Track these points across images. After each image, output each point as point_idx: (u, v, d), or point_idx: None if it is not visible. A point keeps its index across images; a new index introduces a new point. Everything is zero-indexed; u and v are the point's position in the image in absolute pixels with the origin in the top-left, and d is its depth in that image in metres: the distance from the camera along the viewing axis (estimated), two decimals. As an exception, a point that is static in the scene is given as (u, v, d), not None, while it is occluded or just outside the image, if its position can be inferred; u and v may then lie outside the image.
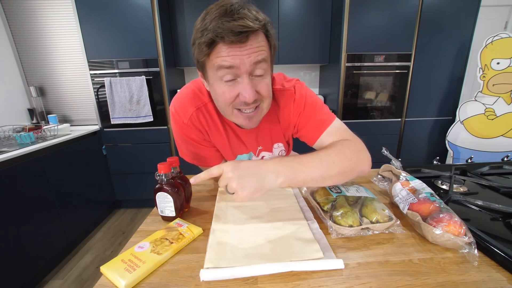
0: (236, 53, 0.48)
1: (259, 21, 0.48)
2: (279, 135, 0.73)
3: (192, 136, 0.67)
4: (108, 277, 0.41)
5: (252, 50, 0.48)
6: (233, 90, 0.52)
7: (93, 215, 2.06)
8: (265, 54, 0.51)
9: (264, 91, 0.55)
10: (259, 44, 0.49)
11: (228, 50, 0.48)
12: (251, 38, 0.48)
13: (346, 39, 2.03)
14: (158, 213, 0.59)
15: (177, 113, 0.65)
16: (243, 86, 0.51)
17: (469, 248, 0.42)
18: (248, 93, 0.51)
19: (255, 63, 0.49)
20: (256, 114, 0.58)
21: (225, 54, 0.48)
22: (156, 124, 2.14)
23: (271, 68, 0.56)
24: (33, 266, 1.46)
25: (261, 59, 0.50)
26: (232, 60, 0.48)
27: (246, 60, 0.48)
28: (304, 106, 0.66)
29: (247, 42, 0.47)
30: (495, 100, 2.00)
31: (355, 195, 0.57)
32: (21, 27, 2.06)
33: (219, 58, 0.49)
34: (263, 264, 0.41)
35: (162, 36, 1.96)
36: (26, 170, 1.45)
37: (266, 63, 0.52)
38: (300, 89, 0.67)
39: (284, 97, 0.67)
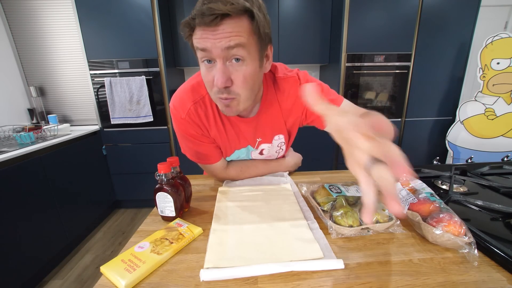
0: (208, 36, 0.47)
1: (236, 5, 0.46)
2: (280, 126, 0.72)
3: (191, 131, 0.67)
4: (108, 277, 0.41)
5: (224, 34, 0.47)
6: (210, 73, 0.52)
7: (93, 215, 2.06)
8: (241, 39, 0.48)
9: (240, 80, 0.52)
10: (234, 30, 0.47)
11: (201, 33, 0.48)
12: (224, 23, 0.46)
13: (346, 39, 2.03)
14: (158, 213, 0.59)
15: (176, 108, 0.65)
16: (216, 70, 0.51)
17: (469, 248, 0.42)
18: (217, 78, 0.51)
19: (227, 48, 0.48)
20: (232, 103, 0.56)
21: (198, 36, 0.49)
22: (156, 124, 2.14)
23: (257, 58, 0.53)
24: (33, 266, 1.46)
25: (234, 45, 0.48)
26: (204, 43, 0.48)
27: (218, 44, 0.47)
28: None
29: (219, 26, 0.46)
30: (495, 100, 2.00)
31: (355, 195, 0.57)
32: (21, 27, 2.06)
33: (195, 39, 0.50)
34: (263, 264, 0.41)
35: (162, 36, 1.96)
36: (26, 170, 1.46)
37: (244, 49, 0.49)
38: (304, 76, 0.68)
39: (288, 84, 0.67)
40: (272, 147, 0.76)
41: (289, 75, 0.67)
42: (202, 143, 0.69)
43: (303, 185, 0.68)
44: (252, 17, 0.49)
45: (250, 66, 0.52)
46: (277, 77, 0.66)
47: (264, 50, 0.55)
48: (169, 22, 2.15)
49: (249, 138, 0.72)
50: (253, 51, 0.52)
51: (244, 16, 0.48)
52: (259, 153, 0.77)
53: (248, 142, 0.73)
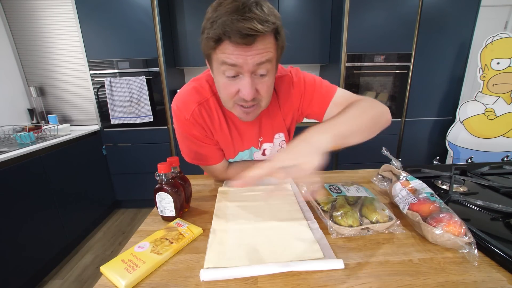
0: (241, 53, 0.48)
1: (269, 23, 0.46)
2: (280, 124, 0.73)
3: (194, 132, 0.67)
4: (108, 277, 0.41)
5: (258, 51, 0.48)
6: (234, 85, 0.53)
7: (93, 215, 2.06)
8: (271, 55, 0.51)
9: (264, 91, 0.55)
10: (266, 46, 0.49)
11: (233, 49, 0.48)
12: (258, 41, 0.47)
13: (346, 39, 2.03)
14: (158, 213, 0.59)
15: (179, 109, 0.65)
16: (243, 84, 0.52)
17: (469, 248, 0.42)
18: (247, 91, 0.52)
19: (258, 64, 0.50)
20: (254, 110, 0.58)
21: (229, 52, 0.48)
22: (156, 124, 2.14)
23: (275, 68, 0.56)
24: (33, 266, 1.46)
25: (265, 60, 0.50)
26: (235, 59, 0.48)
27: (250, 60, 0.48)
28: (304, 86, 0.68)
29: (254, 44, 0.47)
30: (495, 100, 2.00)
31: (355, 195, 0.57)
32: (21, 27, 2.06)
33: (223, 54, 0.49)
34: (263, 264, 0.41)
35: (162, 36, 1.96)
36: (26, 170, 1.46)
37: (271, 63, 0.52)
38: (296, 72, 0.69)
39: (283, 83, 0.68)
40: (273, 147, 0.77)
41: (283, 74, 0.69)
42: (204, 144, 0.69)
43: (303, 185, 0.68)
44: (278, 33, 0.51)
45: (271, 77, 0.55)
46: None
47: (279, 60, 0.58)
48: (169, 22, 2.15)
49: (253, 139, 0.73)
50: (275, 64, 0.55)
51: (272, 33, 0.50)
52: (262, 153, 0.78)
53: (251, 144, 0.74)
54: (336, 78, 2.12)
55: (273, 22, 0.47)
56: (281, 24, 0.51)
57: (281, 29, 0.51)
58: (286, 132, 0.75)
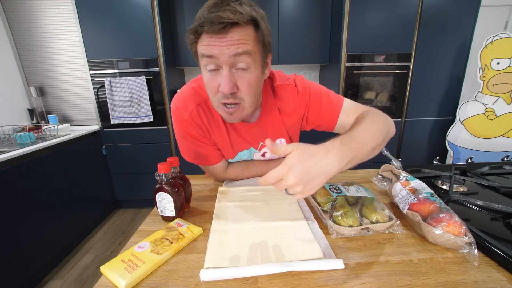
0: (216, 43, 0.49)
1: (244, 14, 0.47)
2: (281, 131, 0.73)
3: (193, 133, 0.67)
4: (108, 277, 0.41)
5: (232, 42, 0.48)
6: (215, 80, 0.53)
7: (93, 215, 2.06)
8: (248, 47, 0.50)
9: (245, 87, 0.54)
10: (241, 38, 0.49)
11: (209, 40, 0.49)
12: (232, 30, 0.48)
13: (346, 39, 2.03)
14: (158, 213, 0.59)
15: (178, 109, 0.66)
16: (222, 77, 0.52)
17: (469, 248, 0.42)
18: (224, 83, 0.52)
19: (235, 55, 0.49)
20: (237, 111, 0.58)
21: (205, 43, 0.50)
22: (156, 124, 2.14)
23: (260, 65, 0.55)
24: (33, 266, 1.46)
25: (242, 52, 0.50)
26: (211, 50, 0.49)
27: (225, 51, 0.49)
28: (309, 97, 0.68)
29: (227, 34, 0.48)
30: (495, 100, 2.00)
31: (355, 195, 0.57)
32: (21, 27, 2.06)
33: (201, 46, 0.51)
34: (263, 264, 0.41)
35: (162, 36, 1.96)
36: (26, 170, 1.45)
37: (250, 57, 0.51)
38: (301, 82, 0.69)
39: (286, 91, 0.68)
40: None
41: (286, 82, 0.68)
42: (203, 144, 0.70)
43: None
44: (257, 26, 0.51)
45: (254, 73, 0.54)
46: (275, 85, 0.68)
47: (266, 58, 0.57)
48: (169, 22, 2.15)
49: (252, 141, 0.73)
50: (257, 59, 0.54)
51: (250, 25, 0.50)
52: (261, 155, 0.78)
53: (250, 144, 0.74)
54: (336, 78, 2.12)
55: (249, 14, 0.49)
56: (262, 19, 0.52)
57: (262, 23, 0.52)
58: (288, 138, 0.76)
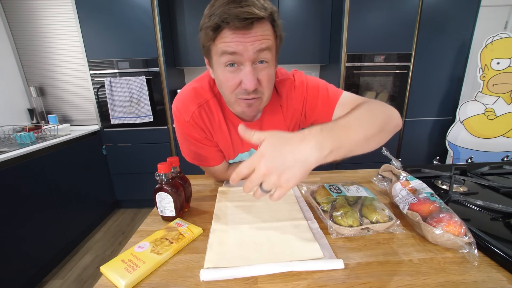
0: (240, 40, 0.48)
1: (265, 9, 0.48)
2: (282, 128, 0.72)
3: (194, 134, 0.67)
4: (108, 277, 0.41)
5: (257, 37, 0.49)
6: (236, 77, 0.53)
7: (93, 215, 2.06)
8: (270, 43, 0.51)
9: (266, 81, 0.54)
10: (264, 33, 0.49)
11: (233, 36, 0.48)
12: (256, 26, 0.48)
13: (346, 39, 2.03)
14: (158, 213, 0.59)
15: (179, 111, 0.65)
16: (245, 73, 0.51)
17: (469, 248, 0.42)
18: (249, 80, 0.51)
19: (259, 50, 0.50)
20: (256, 102, 0.57)
21: (229, 39, 0.48)
22: (156, 124, 2.14)
23: (275, 59, 0.56)
24: (33, 266, 1.46)
25: (265, 47, 0.50)
26: (235, 46, 0.49)
27: (250, 47, 0.49)
28: (306, 91, 0.68)
29: (252, 29, 0.48)
30: (495, 100, 2.00)
31: (355, 195, 0.57)
32: (21, 27, 2.06)
33: (223, 43, 0.49)
34: (263, 264, 0.41)
35: (162, 36, 1.96)
36: (26, 170, 1.45)
37: (270, 52, 0.52)
38: (299, 76, 0.69)
39: (285, 87, 0.68)
40: None
41: (285, 78, 0.68)
42: (204, 146, 0.69)
43: (303, 185, 0.68)
44: (274, 21, 0.51)
45: (272, 67, 0.55)
46: (276, 81, 0.67)
47: (278, 51, 0.58)
48: (169, 22, 2.15)
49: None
50: (274, 54, 0.55)
51: (268, 20, 0.50)
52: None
53: (251, 145, 0.73)
54: (336, 78, 2.12)
55: (270, 9, 0.49)
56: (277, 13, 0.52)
57: (278, 17, 0.52)
58: None
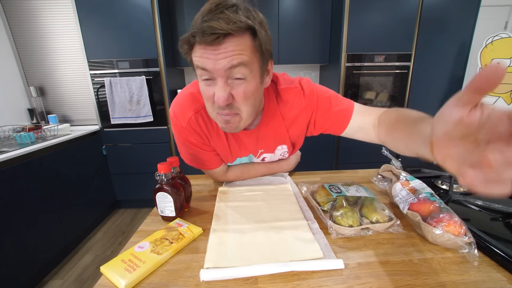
0: (209, 56, 0.46)
1: (239, 23, 0.44)
2: (283, 136, 0.71)
3: (191, 140, 0.66)
4: (108, 277, 0.41)
5: (227, 54, 0.45)
6: (211, 90, 0.50)
7: (93, 215, 2.06)
8: (244, 58, 0.47)
9: (240, 97, 0.50)
10: (236, 48, 0.45)
11: (201, 52, 0.46)
12: (226, 41, 0.44)
13: (346, 39, 2.03)
14: (158, 213, 0.59)
15: (176, 117, 0.64)
16: (216, 89, 0.49)
17: (469, 248, 0.42)
18: (218, 96, 0.49)
19: (229, 67, 0.46)
20: (234, 119, 0.54)
21: (199, 55, 0.47)
22: (156, 124, 2.14)
23: (258, 74, 0.52)
24: (33, 266, 1.46)
25: (237, 64, 0.46)
26: (204, 63, 0.47)
27: (219, 64, 0.46)
28: (317, 100, 0.65)
29: (221, 45, 0.45)
30: (495, 100, 2.00)
31: (355, 195, 0.57)
32: (21, 27, 2.06)
33: (195, 58, 0.48)
34: (263, 264, 0.41)
35: (162, 36, 1.96)
36: (26, 170, 1.45)
37: (246, 67, 0.48)
38: (307, 85, 0.66)
39: (291, 95, 0.66)
40: (274, 156, 0.76)
41: (291, 86, 0.66)
42: (202, 150, 0.69)
43: (303, 185, 0.68)
44: (255, 34, 0.47)
45: (251, 83, 0.51)
46: (280, 89, 0.65)
47: (265, 66, 0.54)
48: (169, 22, 2.15)
49: (251, 148, 0.72)
50: (255, 69, 0.50)
51: (247, 34, 0.47)
52: (261, 160, 0.77)
53: (249, 151, 0.73)
54: (336, 78, 2.12)
55: (245, 22, 0.45)
56: (261, 25, 0.48)
57: (260, 30, 0.47)
58: (290, 144, 0.73)
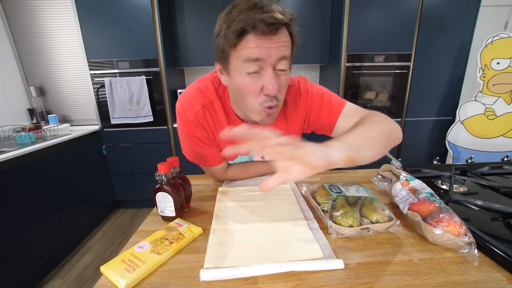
0: (265, 45, 0.48)
1: (289, 15, 0.48)
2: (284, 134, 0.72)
3: (197, 134, 0.67)
4: (108, 277, 0.41)
5: (280, 43, 0.49)
6: (257, 82, 0.52)
7: (93, 215, 2.06)
8: (289, 50, 0.51)
9: (283, 87, 0.55)
10: (286, 39, 0.50)
11: (258, 42, 0.48)
12: (280, 32, 0.48)
13: (346, 39, 2.03)
14: (158, 213, 0.59)
15: (183, 110, 0.65)
16: (267, 78, 0.51)
17: (469, 248, 0.42)
18: (272, 85, 0.51)
19: (281, 58, 0.50)
20: (275, 111, 0.57)
21: (253, 45, 0.48)
22: (156, 124, 2.14)
23: (290, 67, 0.56)
24: (33, 266, 1.46)
25: (286, 54, 0.51)
26: (259, 52, 0.48)
27: (274, 53, 0.49)
28: (311, 99, 0.68)
29: (277, 34, 0.48)
30: (495, 100, 2.00)
31: (355, 195, 0.57)
32: (21, 27, 2.06)
33: (246, 49, 0.49)
34: (263, 264, 0.41)
35: (162, 36, 1.96)
36: (26, 170, 1.45)
37: (288, 59, 0.52)
38: (304, 84, 0.69)
39: (291, 93, 0.68)
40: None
41: (290, 83, 0.67)
42: (206, 145, 0.69)
43: (303, 185, 0.68)
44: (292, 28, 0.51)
45: (288, 74, 0.55)
46: None
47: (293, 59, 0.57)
48: (169, 22, 2.15)
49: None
50: (291, 61, 0.55)
51: (288, 27, 0.51)
52: (261, 157, 0.78)
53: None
54: (336, 78, 2.12)
55: (292, 16, 0.50)
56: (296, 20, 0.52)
57: (296, 24, 0.52)
58: None
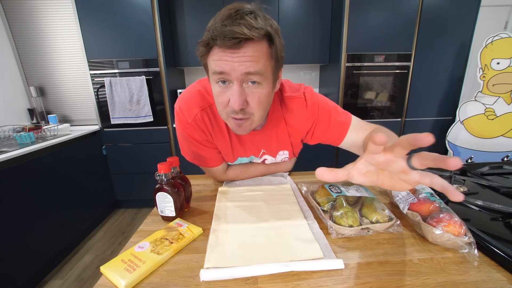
0: (228, 59, 0.47)
1: (259, 29, 0.46)
2: (285, 142, 0.72)
3: (195, 136, 0.67)
4: (108, 277, 0.41)
5: (245, 58, 0.47)
6: (225, 94, 0.52)
7: (93, 215, 2.06)
8: (261, 65, 0.48)
9: (255, 102, 0.52)
10: (254, 54, 0.47)
11: (220, 55, 0.47)
12: (245, 46, 0.46)
13: (346, 39, 2.03)
14: (158, 213, 0.59)
15: (182, 112, 0.65)
16: (232, 93, 0.50)
17: (469, 248, 0.42)
18: (235, 100, 0.50)
19: (247, 73, 0.48)
20: (246, 123, 0.56)
21: (217, 58, 0.48)
22: (156, 124, 2.14)
23: (272, 80, 0.54)
24: (33, 266, 1.46)
25: (254, 71, 0.48)
26: (222, 66, 0.48)
27: (238, 68, 0.47)
28: (318, 112, 0.68)
29: (240, 49, 0.46)
30: (495, 100, 2.00)
31: (355, 195, 0.57)
32: (21, 27, 2.06)
33: (212, 61, 0.49)
34: (263, 264, 0.41)
35: (162, 36, 1.96)
36: (26, 170, 1.45)
37: (262, 73, 0.50)
38: (310, 96, 0.68)
39: (295, 104, 0.67)
40: (275, 160, 0.78)
41: (295, 95, 0.67)
42: (205, 147, 0.70)
43: (303, 185, 0.68)
44: (271, 41, 0.49)
45: (265, 89, 0.52)
46: (285, 96, 0.67)
47: (277, 72, 0.56)
48: (169, 22, 2.15)
49: (253, 149, 0.73)
50: (269, 75, 0.52)
51: (264, 40, 0.48)
52: (262, 161, 0.78)
53: (251, 153, 0.74)
54: (336, 78, 2.12)
55: (265, 29, 0.47)
56: (276, 33, 0.50)
57: (276, 38, 0.50)
58: (291, 150, 0.75)
